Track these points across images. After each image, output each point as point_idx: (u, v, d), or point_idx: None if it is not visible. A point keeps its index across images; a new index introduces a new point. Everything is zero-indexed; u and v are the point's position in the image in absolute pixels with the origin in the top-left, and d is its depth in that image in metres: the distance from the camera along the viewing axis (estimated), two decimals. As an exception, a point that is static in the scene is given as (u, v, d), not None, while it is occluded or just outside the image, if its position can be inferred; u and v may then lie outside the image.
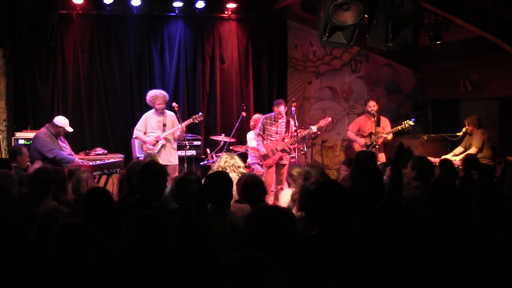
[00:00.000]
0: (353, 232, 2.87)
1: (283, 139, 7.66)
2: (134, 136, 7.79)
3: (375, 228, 2.80)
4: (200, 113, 7.77)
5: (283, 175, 7.47)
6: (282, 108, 7.62)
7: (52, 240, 2.47)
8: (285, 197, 5.59)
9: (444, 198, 3.34)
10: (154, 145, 7.52)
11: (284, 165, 7.56)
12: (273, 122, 7.72)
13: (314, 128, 7.70)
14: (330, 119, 8.10)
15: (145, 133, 7.59)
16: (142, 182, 3.79)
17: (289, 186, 6.12)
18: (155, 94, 7.60)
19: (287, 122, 7.76)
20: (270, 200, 7.06)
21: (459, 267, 2.70)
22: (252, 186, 4.07)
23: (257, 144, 7.73)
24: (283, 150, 7.65)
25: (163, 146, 7.53)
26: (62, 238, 2.45)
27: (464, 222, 3.05)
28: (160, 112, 7.56)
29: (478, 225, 3.13)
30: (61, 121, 7.08)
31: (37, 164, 6.76)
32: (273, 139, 7.71)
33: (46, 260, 2.49)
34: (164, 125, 7.53)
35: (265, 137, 7.71)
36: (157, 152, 7.43)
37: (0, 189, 3.97)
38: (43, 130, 7.02)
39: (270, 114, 7.81)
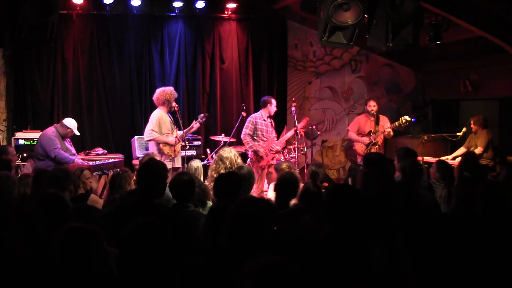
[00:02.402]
0: (362, 234, 2.87)
1: (273, 139, 7.69)
2: (149, 138, 7.18)
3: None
4: (202, 115, 7.66)
5: (272, 173, 7.45)
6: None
7: (55, 244, 2.40)
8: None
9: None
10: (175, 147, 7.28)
11: (273, 164, 7.56)
12: (264, 122, 7.73)
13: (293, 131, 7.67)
14: (307, 118, 8.21)
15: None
16: (143, 180, 3.78)
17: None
18: (172, 92, 7.28)
19: (271, 122, 7.81)
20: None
21: (461, 268, 2.69)
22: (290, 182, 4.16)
23: (252, 145, 7.65)
24: (274, 151, 7.68)
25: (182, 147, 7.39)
26: (67, 243, 2.38)
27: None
28: (170, 112, 7.34)
29: (481, 225, 3.12)
30: (70, 122, 7.08)
31: (29, 164, 6.76)
32: (265, 139, 7.71)
33: (50, 265, 2.45)
34: (175, 126, 7.34)
35: (256, 138, 7.69)
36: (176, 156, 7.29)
37: (1, 191, 3.96)
38: (51, 128, 7.02)
39: (259, 113, 7.78)
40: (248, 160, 8.03)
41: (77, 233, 2.40)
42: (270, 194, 5.90)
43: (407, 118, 7.99)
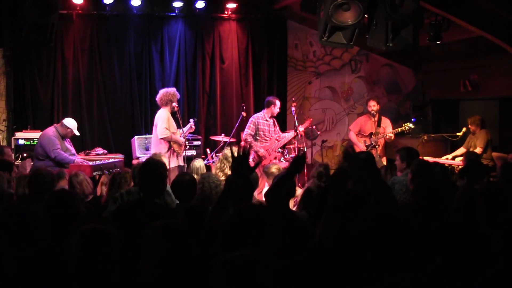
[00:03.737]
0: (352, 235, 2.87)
1: (276, 139, 7.69)
2: (164, 136, 7.18)
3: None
4: (192, 120, 7.69)
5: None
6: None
7: (73, 248, 2.35)
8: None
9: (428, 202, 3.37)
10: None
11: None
12: (266, 122, 7.73)
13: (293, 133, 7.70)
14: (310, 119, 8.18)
15: None
16: (144, 180, 3.78)
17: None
18: (175, 92, 7.37)
19: (274, 122, 7.81)
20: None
21: (462, 272, 2.69)
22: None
23: (254, 145, 7.67)
24: (276, 150, 7.69)
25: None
26: (84, 245, 2.34)
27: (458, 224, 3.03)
28: (171, 112, 7.38)
29: (482, 226, 3.11)
30: (70, 123, 7.08)
31: (27, 163, 6.74)
32: (267, 139, 7.71)
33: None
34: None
35: (258, 138, 7.69)
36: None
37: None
38: (51, 129, 7.02)
39: (261, 113, 7.78)
40: (251, 159, 8.03)
41: (96, 235, 2.37)
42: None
43: (410, 125, 7.98)
